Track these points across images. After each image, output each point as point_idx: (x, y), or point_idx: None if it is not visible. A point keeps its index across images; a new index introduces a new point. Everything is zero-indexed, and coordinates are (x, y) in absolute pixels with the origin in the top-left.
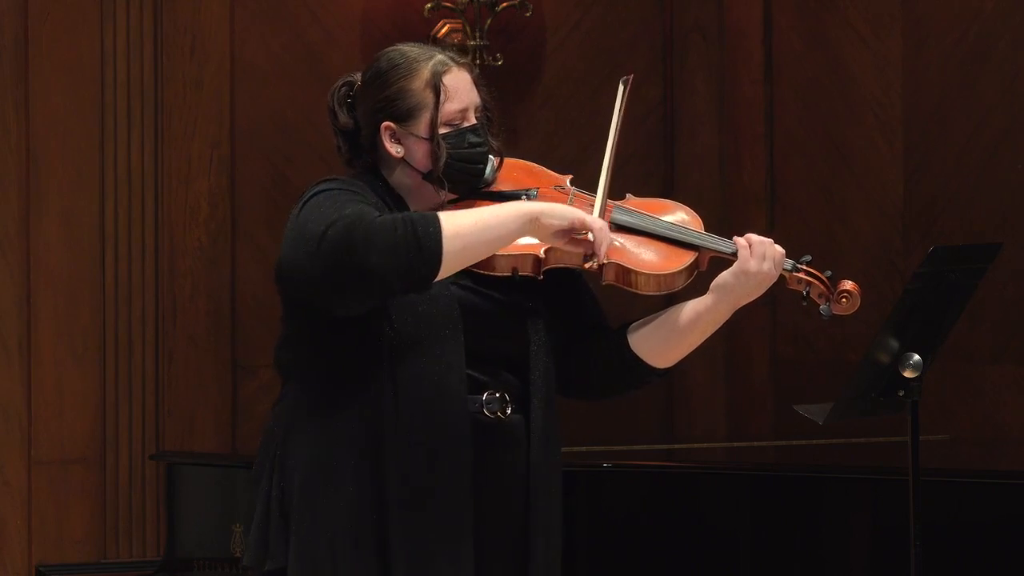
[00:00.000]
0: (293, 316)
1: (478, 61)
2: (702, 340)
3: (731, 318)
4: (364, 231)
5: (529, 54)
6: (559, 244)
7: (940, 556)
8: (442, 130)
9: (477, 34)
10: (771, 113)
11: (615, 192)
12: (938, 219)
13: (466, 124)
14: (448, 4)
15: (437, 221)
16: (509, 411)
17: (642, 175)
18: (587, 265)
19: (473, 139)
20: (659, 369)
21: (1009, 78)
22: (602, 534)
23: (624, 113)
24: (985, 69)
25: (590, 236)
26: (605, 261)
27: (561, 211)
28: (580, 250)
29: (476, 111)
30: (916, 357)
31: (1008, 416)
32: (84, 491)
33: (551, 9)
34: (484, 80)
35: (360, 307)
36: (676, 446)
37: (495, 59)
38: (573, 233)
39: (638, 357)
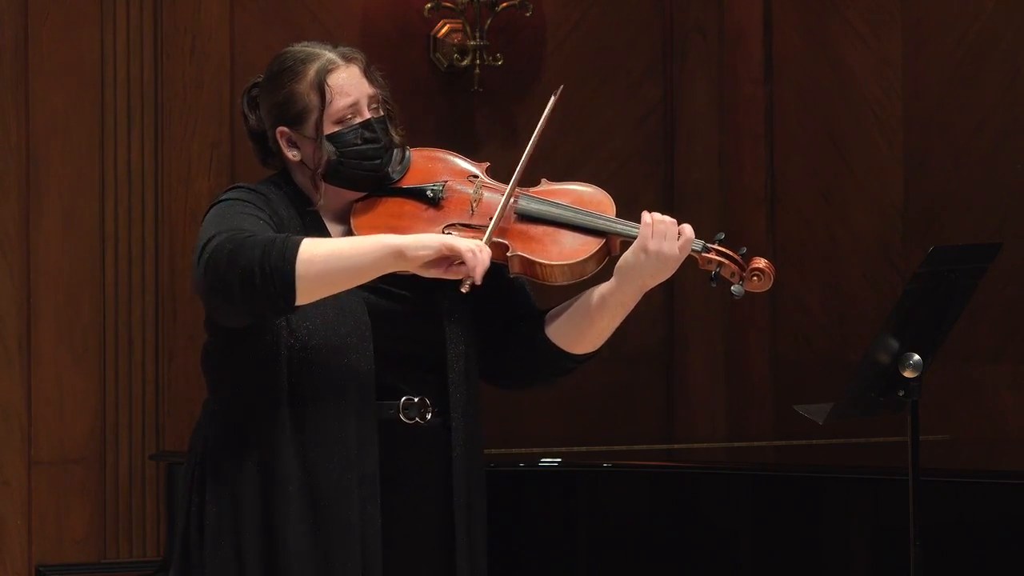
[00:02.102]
0: (206, 320)
1: (478, 61)
2: (615, 323)
3: (731, 318)
4: (231, 250)
5: (529, 54)
6: (436, 273)
7: (940, 556)
8: (334, 128)
9: (477, 34)
10: (771, 113)
11: (528, 178)
12: (938, 219)
13: (359, 119)
14: (448, 4)
15: (295, 247)
16: (430, 415)
17: (642, 175)
18: (463, 289)
19: (367, 134)
20: (577, 355)
21: (1009, 78)
22: (602, 534)
23: (546, 124)
24: (985, 69)
25: (464, 257)
26: (479, 283)
27: (427, 242)
28: (460, 276)
29: (371, 103)
30: (916, 357)
31: (1008, 416)
32: (84, 491)
33: (551, 9)
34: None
35: (236, 321)
36: (676, 446)
37: (495, 59)
38: (447, 261)
39: (554, 344)
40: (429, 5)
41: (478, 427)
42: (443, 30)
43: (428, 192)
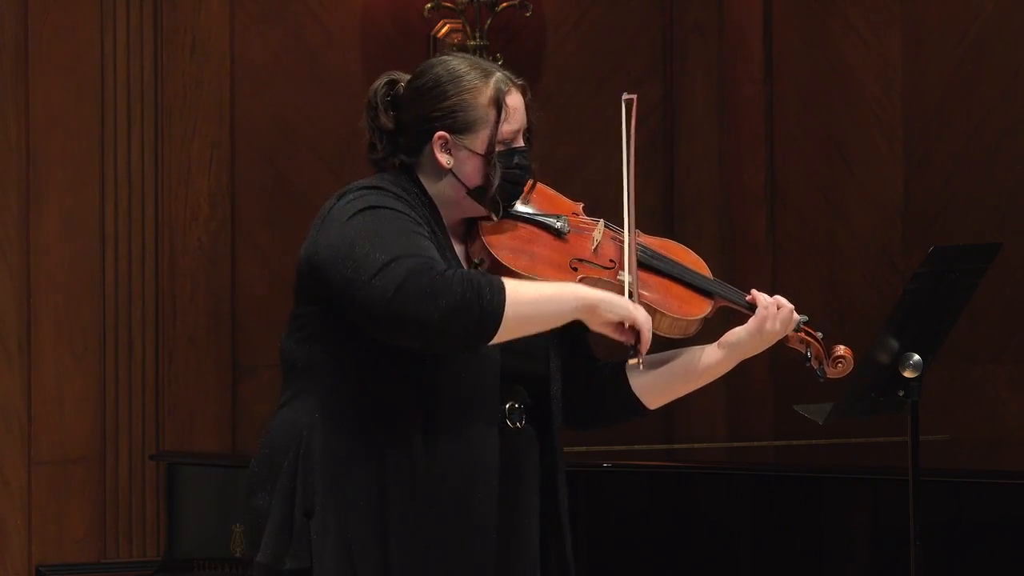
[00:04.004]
0: (318, 316)
1: None
2: (697, 388)
3: (730, 318)
4: (428, 283)
5: (529, 54)
6: (608, 332)
7: (940, 556)
8: (498, 148)
9: (477, 34)
10: (771, 113)
11: (619, 223)
12: (938, 219)
13: (516, 145)
14: (448, 4)
15: (502, 289)
16: (523, 422)
17: (642, 175)
18: (631, 361)
19: (521, 161)
20: (647, 409)
21: (1009, 78)
22: (602, 534)
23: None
24: (985, 69)
25: (641, 333)
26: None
27: (618, 307)
28: (622, 340)
29: (525, 133)
30: (916, 357)
31: (1008, 416)
32: (84, 491)
33: (551, 9)
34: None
35: (429, 350)
36: (676, 446)
37: (495, 59)
38: (623, 327)
39: (636, 398)
40: (429, 5)
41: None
42: (443, 30)
43: (557, 224)
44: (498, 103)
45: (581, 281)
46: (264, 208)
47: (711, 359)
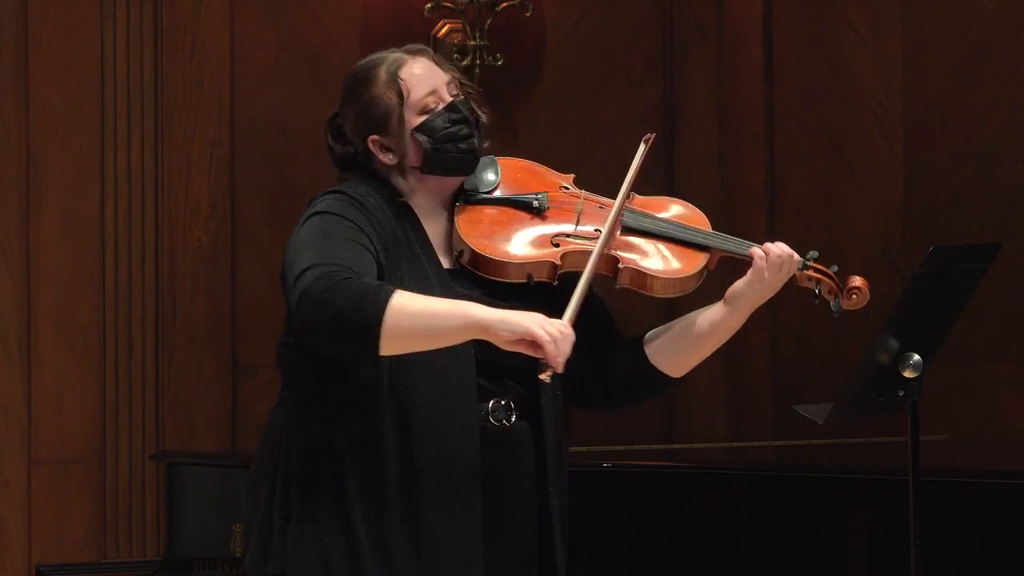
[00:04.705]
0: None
1: (478, 61)
2: (719, 346)
3: None
4: (325, 289)
5: (529, 54)
6: (519, 349)
7: (940, 556)
8: (419, 119)
9: (477, 34)
10: (771, 113)
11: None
12: (938, 219)
13: (441, 106)
14: (448, 4)
15: (386, 300)
16: (514, 418)
17: (642, 175)
18: (542, 376)
19: (453, 116)
20: (673, 378)
21: (1009, 78)
22: (602, 534)
23: (639, 172)
24: (985, 69)
25: (544, 348)
26: (560, 371)
27: (512, 325)
28: (541, 355)
29: (451, 88)
30: (916, 357)
31: (1008, 416)
32: (84, 491)
33: (551, 9)
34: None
35: (332, 355)
36: (676, 446)
37: (495, 59)
38: (528, 342)
39: (655, 367)
40: (429, 5)
41: (564, 436)
42: (443, 30)
43: (533, 203)
44: (394, 82)
45: (564, 257)
46: (264, 208)
47: (716, 316)
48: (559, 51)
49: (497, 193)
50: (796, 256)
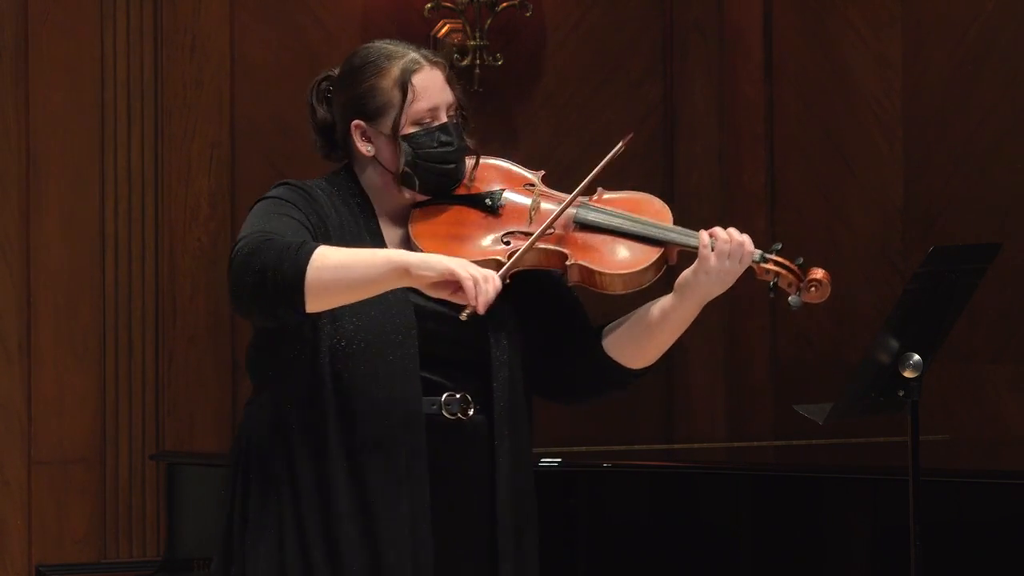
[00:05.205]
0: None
1: (478, 61)
2: (675, 337)
3: (731, 318)
4: (249, 251)
5: (529, 54)
6: (442, 295)
7: (940, 556)
8: (411, 129)
9: (477, 34)
10: (771, 113)
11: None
12: (938, 219)
13: (436, 123)
14: (448, 4)
15: (308, 254)
16: (472, 412)
17: (642, 175)
18: (461, 316)
19: (443, 138)
20: (636, 370)
21: (1009, 78)
22: (602, 534)
23: (607, 165)
24: (985, 69)
25: (463, 285)
26: (481, 312)
27: (432, 264)
28: (464, 301)
29: (449, 110)
30: (916, 357)
31: (1008, 416)
32: (84, 491)
33: (551, 9)
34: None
35: (258, 323)
36: (676, 446)
37: (495, 59)
38: (452, 286)
39: (612, 359)
40: (429, 5)
41: (526, 431)
42: (443, 30)
43: (487, 200)
44: (403, 84)
45: (511, 255)
46: None
47: (666, 305)
48: (559, 51)
49: (456, 192)
50: (748, 245)
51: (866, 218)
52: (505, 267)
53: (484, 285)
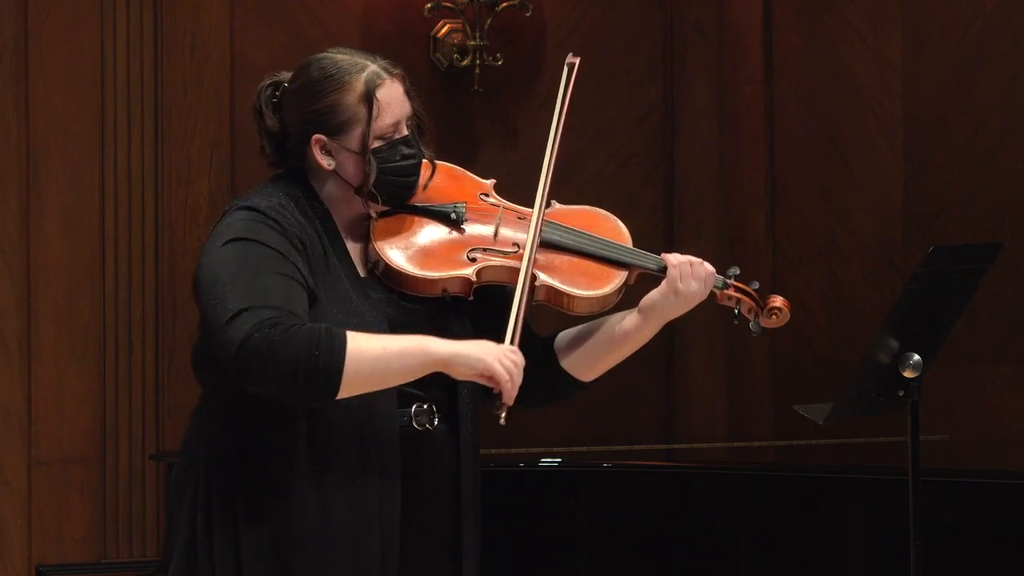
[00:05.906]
0: (202, 324)
1: (478, 61)
2: (630, 354)
3: (731, 318)
4: (272, 339)
5: (529, 54)
6: (473, 379)
7: (940, 556)
8: (374, 144)
9: (477, 34)
10: (771, 113)
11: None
12: (938, 219)
13: (398, 136)
14: (448, 4)
15: (343, 346)
16: (436, 422)
17: (642, 175)
18: (495, 411)
19: (405, 151)
20: (586, 382)
21: (1009, 78)
22: (602, 534)
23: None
24: (985, 69)
25: (501, 386)
26: (510, 404)
27: (472, 361)
28: (493, 386)
29: (408, 121)
30: (916, 357)
31: (1008, 416)
32: (84, 491)
33: (551, 9)
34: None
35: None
36: (676, 446)
37: (495, 59)
38: (487, 380)
39: (565, 371)
40: (429, 5)
41: (476, 436)
42: (443, 30)
43: (451, 215)
44: (368, 99)
45: (480, 273)
46: None
47: (630, 325)
48: (559, 51)
49: (416, 202)
50: (710, 269)
51: (866, 218)
52: (516, 337)
53: (517, 379)
